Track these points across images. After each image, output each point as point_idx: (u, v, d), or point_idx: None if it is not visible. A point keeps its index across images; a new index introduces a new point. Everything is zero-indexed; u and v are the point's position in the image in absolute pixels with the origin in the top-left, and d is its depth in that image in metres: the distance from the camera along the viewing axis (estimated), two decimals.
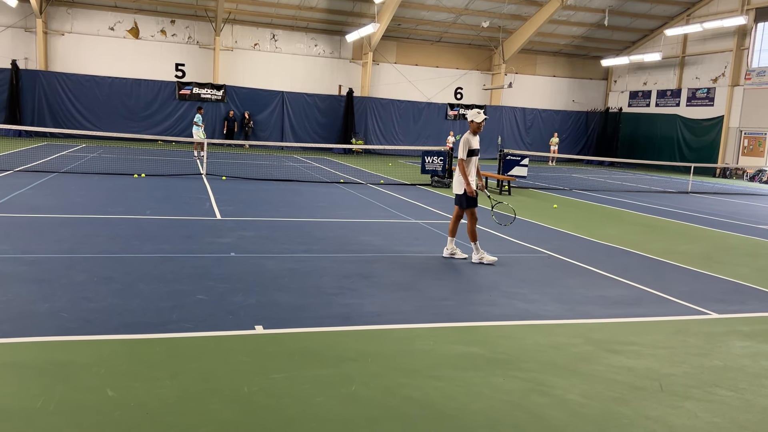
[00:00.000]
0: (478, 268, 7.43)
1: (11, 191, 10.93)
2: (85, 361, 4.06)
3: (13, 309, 4.95)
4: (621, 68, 35.39)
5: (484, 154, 33.12)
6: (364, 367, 4.25)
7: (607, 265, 7.98)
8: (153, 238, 7.96)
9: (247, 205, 11.29)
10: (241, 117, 29.15)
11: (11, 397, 3.50)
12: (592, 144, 35.30)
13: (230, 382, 3.88)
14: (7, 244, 7.14)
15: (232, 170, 17.36)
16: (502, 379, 4.21)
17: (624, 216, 13.26)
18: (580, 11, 30.06)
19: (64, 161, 16.91)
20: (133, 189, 12.40)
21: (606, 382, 4.24)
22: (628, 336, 5.26)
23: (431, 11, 29.43)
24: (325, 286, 6.23)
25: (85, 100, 27.25)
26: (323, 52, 31.22)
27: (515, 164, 17.32)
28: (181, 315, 5.06)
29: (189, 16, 28.79)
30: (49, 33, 27.16)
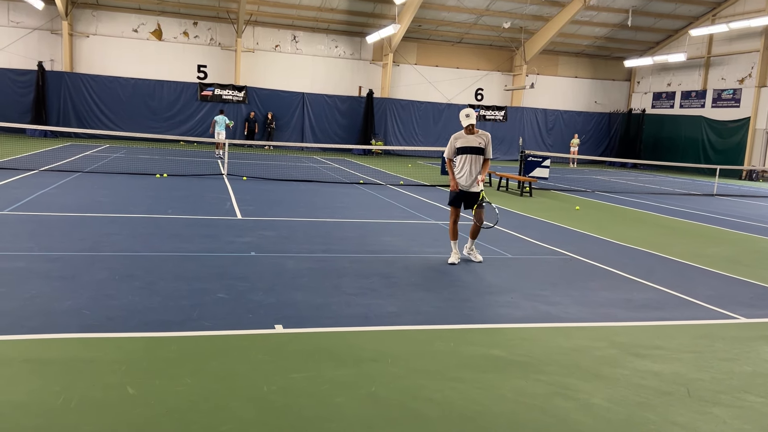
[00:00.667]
0: (499, 270, 7.35)
1: (36, 190, 11.08)
2: (106, 358, 4.08)
3: (37, 306, 5.00)
4: (644, 69, 34.94)
5: (505, 155, 33.02)
6: (383, 368, 4.21)
7: (631, 268, 7.84)
8: (174, 237, 8.00)
9: (267, 205, 11.32)
10: (263, 118, 29.31)
11: (33, 393, 3.52)
12: (614, 146, 34.89)
13: (249, 381, 3.86)
14: (32, 242, 7.23)
15: (252, 171, 17.44)
16: (524, 381, 4.14)
17: (648, 218, 13.06)
18: (603, 11, 29.73)
19: (88, 161, 17.13)
20: (155, 188, 12.51)
21: (631, 387, 4.15)
22: (653, 340, 5.15)
23: (452, 12, 29.33)
24: (344, 286, 6.20)
25: (109, 101, 27.60)
26: (344, 54, 31.27)
27: (536, 166, 17.17)
28: (201, 313, 5.07)
29: (211, 17, 29.03)
30: (74, 35, 27.57)
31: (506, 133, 33.12)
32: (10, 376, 3.72)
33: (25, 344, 4.25)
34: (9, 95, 26.38)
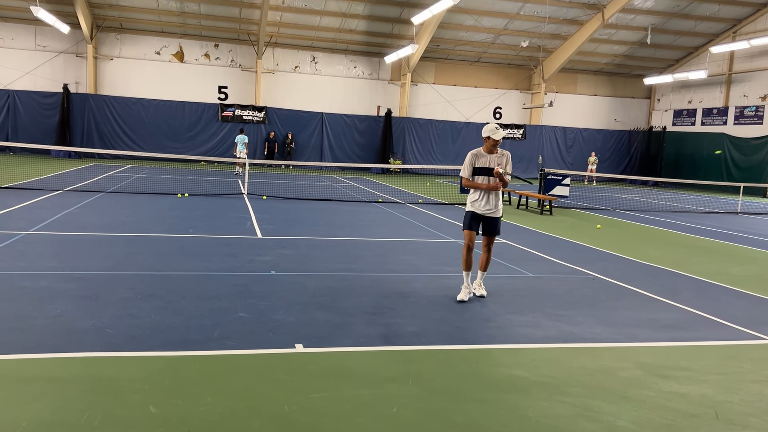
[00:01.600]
0: (521, 290, 7.28)
1: (61, 210, 11.26)
2: (129, 377, 4.10)
3: (61, 324, 5.05)
4: (664, 86, 34.72)
5: (525, 174, 32.87)
6: (405, 389, 4.18)
7: (655, 287, 7.73)
8: (195, 256, 8.06)
9: (287, 224, 11.37)
10: (283, 138, 29.59)
11: (57, 412, 3.55)
12: (635, 164, 34.60)
13: (271, 401, 3.85)
14: (56, 261, 7.33)
15: (272, 190, 17.57)
16: (548, 403, 4.08)
17: (670, 237, 12.89)
18: (622, 30, 29.69)
19: (111, 181, 17.39)
20: (177, 208, 12.65)
21: (657, 409, 4.07)
22: (679, 361, 5.05)
23: (470, 32, 29.49)
24: (364, 305, 6.18)
25: (132, 122, 28.09)
26: (362, 74, 31.54)
27: (556, 184, 17.07)
28: (222, 332, 5.08)
29: (232, 40, 29.50)
30: (98, 58, 28.17)
31: (525, 152, 33.04)
32: (35, 395, 3.75)
33: (49, 363, 4.29)
34: (35, 117, 26.98)
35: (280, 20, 27.99)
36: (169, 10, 26.96)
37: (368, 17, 27.90)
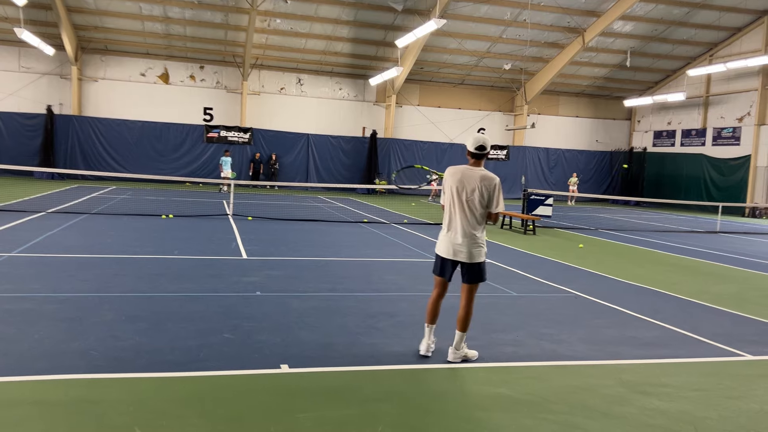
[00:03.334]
0: (505, 309, 7.35)
1: (43, 232, 11.19)
2: (114, 399, 4.09)
3: (44, 347, 5.03)
4: (644, 108, 35.37)
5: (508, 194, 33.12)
6: (390, 408, 4.21)
7: (637, 306, 7.84)
8: (180, 278, 8.05)
9: (272, 245, 11.38)
10: (267, 158, 29.64)
11: None
12: (617, 184, 35.08)
13: (257, 422, 3.86)
14: (38, 283, 7.29)
15: (258, 211, 17.58)
16: (531, 421, 4.13)
17: (652, 256, 13.07)
18: (602, 53, 30.29)
19: (95, 203, 17.30)
20: (162, 229, 12.61)
21: (639, 426, 4.14)
22: (660, 378, 5.14)
23: (453, 54, 29.91)
24: (350, 325, 6.21)
25: (116, 144, 28.01)
26: (347, 95, 31.79)
27: (539, 204, 17.27)
28: (208, 354, 5.09)
29: (217, 61, 29.65)
30: (83, 79, 28.15)
31: (509, 172, 33.36)
32: (19, 419, 3.73)
33: (32, 386, 4.27)
34: (18, 138, 26.82)
35: (265, 42, 28.21)
36: (154, 32, 27.07)
37: (353, 40, 28.22)
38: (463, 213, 5.17)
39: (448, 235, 5.24)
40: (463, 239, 5.15)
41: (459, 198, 5.18)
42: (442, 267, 5.33)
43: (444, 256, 5.27)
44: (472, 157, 5.29)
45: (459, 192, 5.18)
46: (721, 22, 27.92)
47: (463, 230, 5.16)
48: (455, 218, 5.20)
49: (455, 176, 5.23)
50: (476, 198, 5.13)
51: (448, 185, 5.25)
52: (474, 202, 5.13)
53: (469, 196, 5.14)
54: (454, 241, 5.18)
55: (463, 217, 5.17)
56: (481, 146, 5.24)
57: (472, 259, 5.17)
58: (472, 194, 5.13)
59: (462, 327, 5.23)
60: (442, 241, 5.30)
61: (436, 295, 5.39)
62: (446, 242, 5.25)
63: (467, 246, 5.16)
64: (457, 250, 5.18)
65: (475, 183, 5.14)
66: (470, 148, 5.27)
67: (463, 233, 5.16)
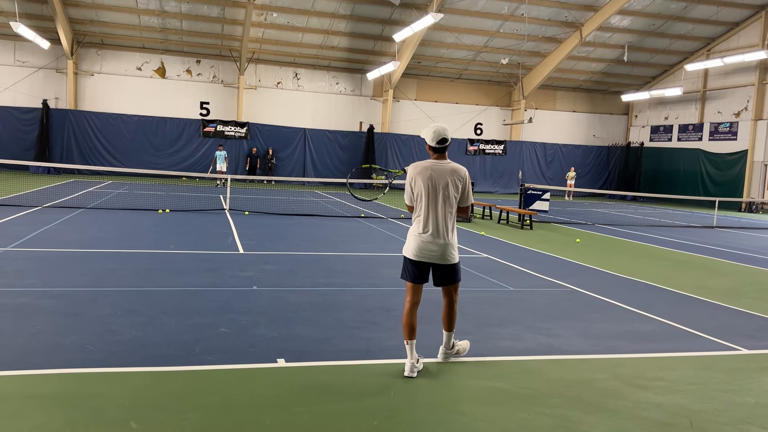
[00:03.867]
0: (501, 303, 7.36)
1: (39, 227, 11.16)
2: (110, 393, 4.09)
3: (41, 341, 5.02)
4: (642, 103, 35.39)
5: (505, 189, 33.18)
6: (385, 402, 4.21)
7: (632, 300, 7.86)
8: (176, 272, 8.04)
9: (268, 240, 11.38)
10: (264, 153, 29.61)
11: (38, 429, 3.53)
12: (613, 179, 35.13)
13: (253, 415, 3.87)
14: (35, 277, 7.27)
15: (254, 205, 17.56)
16: (527, 414, 4.14)
17: (648, 250, 13.10)
18: (599, 47, 30.27)
19: (91, 197, 17.26)
20: (158, 224, 12.59)
21: (634, 419, 4.15)
22: (656, 371, 5.15)
23: (451, 49, 29.86)
24: (346, 319, 6.22)
25: (112, 138, 27.94)
26: (344, 90, 31.73)
27: (536, 199, 17.28)
28: (204, 348, 5.09)
29: (214, 56, 29.55)
30: (79, 74, 28.04)
31: (506, 167, 33.42)
32: (14, 412, 3.73)
33: (28, 379, 4.26)
34: (13, 132, 26.73)
35: (262, 37, 28.13)
36: (150, 26, 26.96)
37: (350, 34, 28.15)
38: (439, 211, 4.79)
39: (422, 236, 4.80)
40: (443, 239, 4.79)
41: (434, 194, 4.78)
42: (416, 271, 4.88)
43: (417, 259, 4.83)
44: (435, 151, 4.87)
45: (434, 188, 4.78)
46: (718, 16, 27.93)
47: (443, 229, 4.79)
48: (431, 217, 4.79)
49: (425, 173, 4.81)
50: (450, 193, 4.78)
51: (419, 183, 4.81)
52: (449, 198, 4.79)
53: (444, 192, 4.77)
54: (431, 241, 4.78)
55: (440, 215, 4.79)
56: (443, 139, 4.84)
57: (449, 260, 4.85)
58: (446, 190, 4.77)
59: (450, 327, 5.04)
60: (414, 243, 4.84)
61: (411, 305, 4.89)
62: (420, 243, 4.81)
63: (445, 246, 4.81)
64: (433, 251, 4.79)
65: (447, 177, 4.78)
66: (431, 143, 4.85)
67: (444, 232, 4.79)
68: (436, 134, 4.82)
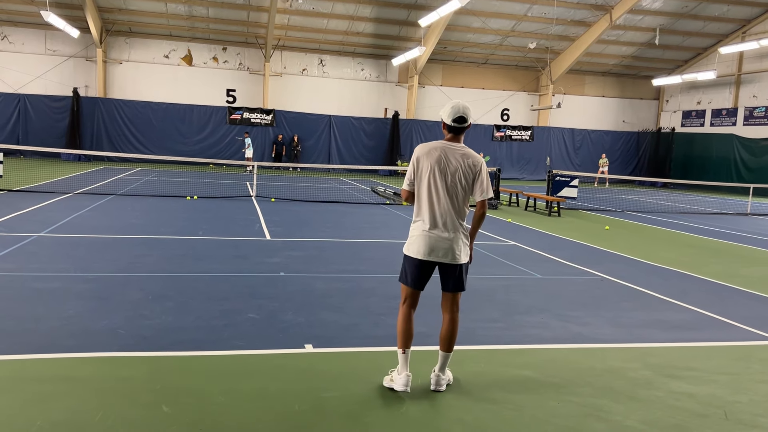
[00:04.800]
0: (529, 291, 7.29)
1: (71, 213, 11.36)
2: (141, 376, 4.15)
3: (74, 325, 5.11)
4: (673, 87, 34.60)
5: (532, 175, 32.81)
6: (414, 388, 4.20)
7: (664, 288, 7.72)
8: (205, 258, 8.12)
9: (295, 226, 11.42)
10: (289, 140, 29.70)
11: (71, 412, 3.59)
12: (643, 165, 34.51)
13: (281, 400, 3.89)
14: (67, 263, 7.41)
15: (280, 192, 17.65)
16: (556, 403, 4.09)
17: (679, 238, 12.85)
18: (630, 31, 29.62)
19: (121, 184, 17.52)
20: (186, 210, 12.73)
21: (666, 409, 4.08)
22: (688, 361, 5.05)
23: (477, 34, 29.50)
24: (373, 306, 6.22)
25: (141, 126, 28.26)
26: (369, 76, 31.61)
27: (564, 185, 17.05)
28: (233, 333, 5.13)
29: (240, 43, 29.64)
30: (108, 62, 28.38)
31: (533, 153, 33.05)
32: (49, 394, 3.81)
33: (63, 363, 4.34)
34: (45, 121, 27.20)
35: (287, 23, 28.11)
36: (177, 14, 27.12)
37: (375, 20, 27.97)
38: (450, 200, 4.14)
39: (429, 231, 4.16)
40: (452, 233, 4.15)
41: (443, 181, 4.11)
42: (419, 273, 4.21)
43: (421, 258, 4.16)
44: (450, 131, 4.21)
45: (442, 173, 4.11)
46: None
47: (452, 222, 4.15)
48: (439, 207, 4.14)
49: (433, 154, 4.13)
50: (462, 181, 4.13)
51: (424, 165, 4.15)
52: (459, 186, 4.13)
53: (453, 179, 4.12)
54: (439, 236, 4.14)
55: (450, 206, 4.14)
56: (461, 117, 4.16)
57: (458, 260, 4.18)
58: (456, 176, 4.11)
59: (449, 347, 4.25)
60: (419, 239, 4.18)
61: (408, 311, 4.26)
62: (426, 240, 4.15)
63: (454, 242, 4.15)
64: (441, 248, 4.13)
65: (459, 162, 4.11)
66: (447, 120, 4.17)
67: (453, 226, 4.15)
68: (455, 110, 4.15)
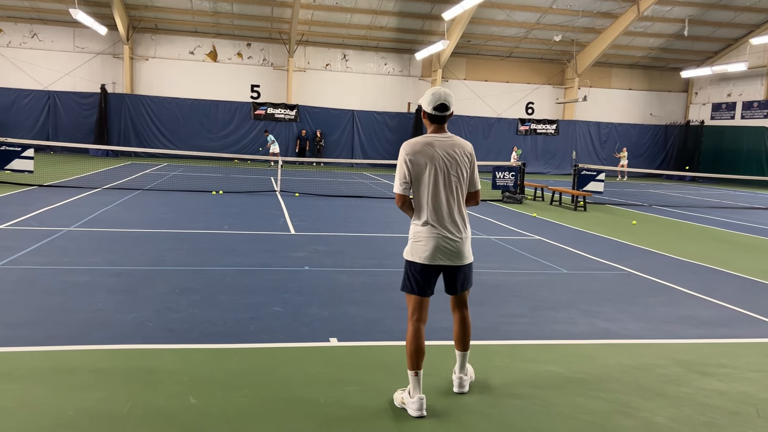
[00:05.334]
0: (555, 286, 7.22)
1: (100, 207, 11.55)
2: (169, 368, 4.20)
3: (103, 318, 5.20)
4: (702, 79, 33.92)
5: (557, 170, 32.47)
6: (438, 383, 4.19)
7: (693, 284, 7.58)
8: (231, 252, 8.19)
9: (319, 221, 11.47)
10: (312, 135, 29.81)
11: (102, 402, 3.65)
12: (671, 159, 33.92)
13: (307, 393, 3.91)
14: (97, 256, 7.53)
15: (304, 187, 17.72)
16: (583, 399, 4.05)
17: (709, 233, 12.62)
18: (658, 22, 29.09)
19: (148, 179, 17.75)
20: (212, 205, 12.85)
21: (696, 406, 4.01)
22: (719, 358, 4.96)
23: (501, 27, 29.24)
24: (397, 300, 6.20)
25: (167, 121, 28.61)
26: (393, 71, 31.54)
27: (591, 179, 16.85)
28: (258, 326, 5.17)
29: (264, 39, 29.80)
30: (134, 58, 28.75)
31: (558, 147, 32.70)
32: (80, 385, 3.87)
33: (92, 354, 4.42)
34: (74, 117, 27.70)
35: (311, 18, 28.16)
36: (202, 11, 27.35)
37: (399, 14, 27.88)
38: (455, 196, 3.84)
39: (437, 233, 3.80)
40: (463, 233, 3.88)
41: (444, 177, 3.79)
42: (428, 279, 3.88)
43: (430, 263, 3.82)
44: (433, 121, 3.87)
45: (443, 169, 3.79)
46: None
47: (460, 220, 3.88)
48: (446, 206, 3.82)
49: (426, 151, 3.78)
50: (461, 174, 3.85)
51: (419, 164, 3.78)
52: (461, 180, 3.85)
53: (455, 173, 3.82)
54: (448, 237, 3.81)
55: (455, 202, 3.85)
56: (443, 105, 3.80)
57: (468, 259, 3.95)
58: (456, 169, 3.82)
59: (466, 345, 4.10)
60: (427, 243, 3.81)
61: (418, 326, 3.87)
62: (435, 242, 3.80)
63: (465, 241, 3.88)
64: (452, 249, 3.83)
65: (455, 154, 3.83)
66: (428, 108, 3.82)
67: (462, 224, 3.88)
68: (435, 97, 3.78)
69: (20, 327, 4.88)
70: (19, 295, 5.73)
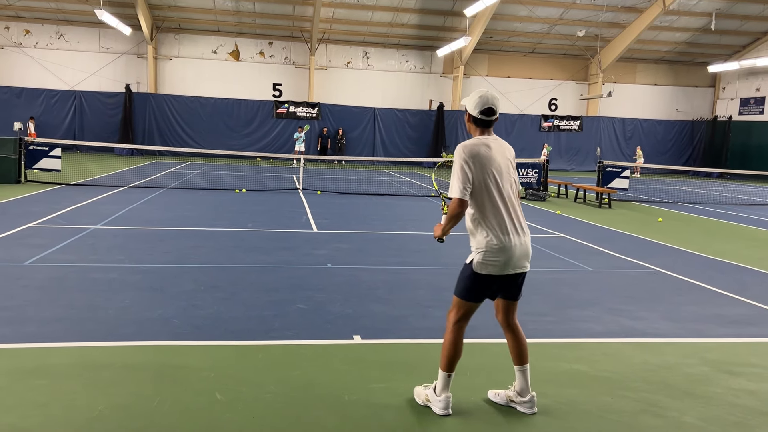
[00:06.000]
0: (580, 284, 7.15)
1: (125, 206, 11.71)
2: (195, 365, 4.25)
3: (130, 314, 5.28)
4: (730, 74, 33.29)
5: (581, 167, 32.14)
6: (463, 381, 4.17)
7: (721, 282, 7.46)
8: (255, 250, 8.25)
9: (341, 219, 11.50)
10: (334, 133, 29.89)
11: (130, 397, 3.71)
12: (698, 155, 33.37)
13: (331, 390, 3.93)
14: (123, 254, 7.64)
15: (326, 185, 17.79)
16: (609, 398, 4.01)
17: (737, 230, 12.39)
18: (684, 16, 28.60)
19: (172, 177, 17.96)
20: (235, 203, 12.96)
21: (725, 406, 3.94)
22: (749, 357, 4.87)
23: (524, 22, 29.01)
24: (420, 298, 6.21)
25: (190, 120, 28.91)
26: (414, 68, 31.48)
27: (615, 176, 16.66)
28: (282, 323, 5.20)
29: (285, 37, 29.94)
30: (158, 58, 29.09)
31: (582, 144, 32.37)
32: (109, 380, 3.94)
33: (121, 350, 4.49)
34: (99, 116, 28.13)
35: (332, 16, 28.22)
36: (224, 10, 27.56)
37: (420, 11, 27.81)
38: (514, 199, 3.70)
39: (507, 241, 3.58)
40: (527, 235, 3.71)
41: (504, 181, 3.66)
42: (489, 289, 3.70)
43: (499, 273, 3.61)
44: (479, 125, 3.70)
45: (499, 173, 3.63)
46: None
47: (524, 222, 3.73)
48: (513, 211, 3.65)
49: (484, 153, 3.61)
50: (514, 176, 3.77)
51: (480, 167, 3.58)
52: (513, 182, 3.73)
53: (508, 176, 3.70)
54: (518, 243, 3.61)
55: (517, 205, 3.72)
56: (490, 109, 3.66)
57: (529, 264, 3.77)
58: (509, 173, 3.72)
59: (525, 358, 3.84)
60: (499, 254, 3.58)
61: (462, 331, 3.80)
62: (507, 252, 3.58)
63: (529, 244, 3.72)
64: (522, 255, 3.64)
65: (508, 157, 3.74)
66: (474, 112, 3.66)
67: (525, 226, 3.72)
68: (483, 101, 3.64)
69: (50, 323, 4.97)
70: (49, 292, 5.84)
